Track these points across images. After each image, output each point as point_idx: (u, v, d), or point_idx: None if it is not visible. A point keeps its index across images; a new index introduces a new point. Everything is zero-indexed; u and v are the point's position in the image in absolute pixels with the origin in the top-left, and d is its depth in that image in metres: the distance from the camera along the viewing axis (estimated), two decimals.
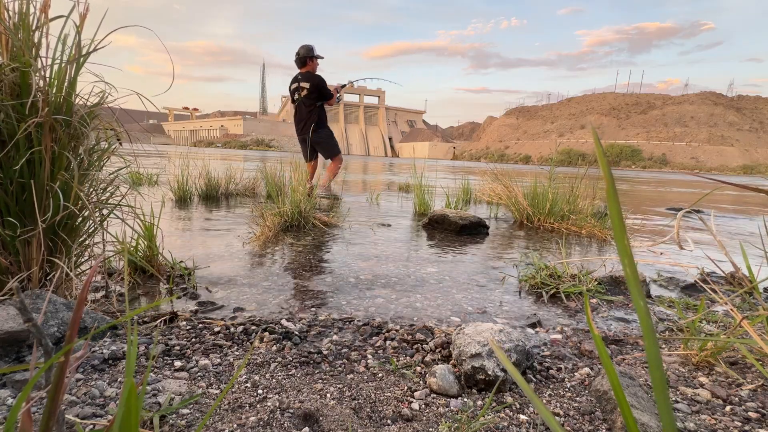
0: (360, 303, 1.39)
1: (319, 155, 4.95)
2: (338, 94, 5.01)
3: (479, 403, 0.84)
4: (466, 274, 1.78)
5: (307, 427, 0.73)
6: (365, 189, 5.44)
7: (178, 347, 0.99)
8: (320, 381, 0.90)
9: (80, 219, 1.19)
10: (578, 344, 1.14)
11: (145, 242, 1.52)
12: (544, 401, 0.86)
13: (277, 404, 0.79)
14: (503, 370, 0.88)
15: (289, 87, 4.89)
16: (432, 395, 0.86)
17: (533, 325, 1.26)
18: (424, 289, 1.55)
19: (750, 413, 0.84)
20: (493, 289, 1.59)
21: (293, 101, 4.90)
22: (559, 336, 1.19)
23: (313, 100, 4.77)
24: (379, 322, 1.23)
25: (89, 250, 1.27)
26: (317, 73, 4.88)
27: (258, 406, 0.79)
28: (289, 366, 0.95)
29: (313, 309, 1.31)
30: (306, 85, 4.74)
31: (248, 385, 0.86)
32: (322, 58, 4.89)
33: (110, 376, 0.85)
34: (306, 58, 4.75)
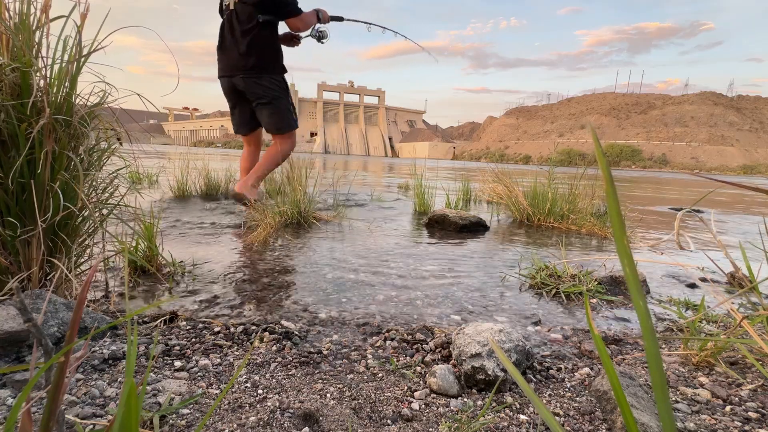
0: (360, 300, 1.39)
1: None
2: (320, 23, 2.95)
3: (479, 403, 0.84)
4: (466, 273, 1.78)
5: (307, 427, 0.73)
6: (365, 188, 5.44)
7: (178, 347, 0.99)
8: (320, 381, 0.90)
9: (80, 219, 1.19)
10: (578, 344, 1.14)
11: (145, 242, 1.52)
12: (544, 401, 0.87)
13: (277, 404, 0.79)
14: (503, 370, 0.88)
15: None
16: (432, 395, 0.86)
17: (533, 325, 1.26)
18: (424, 288, 1.55)
19: (750, 413, 0.84)
20: (493, 289, 1.59)
21: (221, 13, 2.82)
22: (559, 336, 1.19)
23: (255, 10, 2.61)
24: (379, 321, 1.23)
25: (89, 250, 1.27)
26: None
27: (258, 406, 0.79)
28: (289, 366, 0.95)
29: (313, 307, 1.31)
30: None
31: (248, 385, 0.86)
32: None
33: (110, 376, 0.85)
34: None
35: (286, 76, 2.92)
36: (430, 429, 0.75)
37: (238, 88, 2.79)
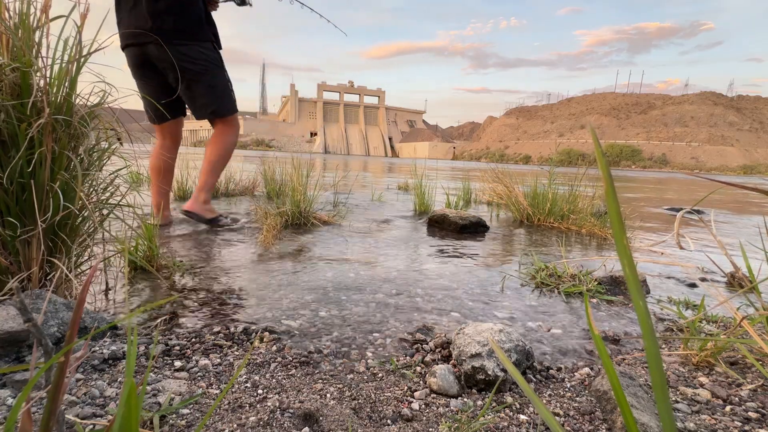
0: (360, 299, 1.39)
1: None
2: None
3: (479, 403, 0.84)
4: (466, 273, 1.78)
5: (307, 427, 0.73)
6: (365, 188, 5.44)
7: (178, 347, 0.99)
8: (320, 381, 0.90)
9: (80, 219, 1.19)
10: (578, 344, 1.14)
11: (145, 242, 1.52)
12: (544, 401, 0.86)
13: (277, 404, 0.79)
14: (503, 370, 0.88)
15: None
16: (432, 395, 0.86)
17: (533, 324, 1.26)
18: (424, 288, 1.55)
19: (750, 413, 0.84)
20: (493, 288, 1.59)
21: None
22: (559, 335, 1.19)
23: None
24: (379, 320, 1.23)
25: (89, 250, 1.27)
26: None
27: (258, 406, 0.79)
28: (289, 366, 0.95)
29: (313, 305, 1.31)
30: None
31: (248, 385, 0.86)
32: None
33: (110, 376, 0.85)
34: None
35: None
36: (430, 429, 0.75)
37: (152, 60, 2.06)
